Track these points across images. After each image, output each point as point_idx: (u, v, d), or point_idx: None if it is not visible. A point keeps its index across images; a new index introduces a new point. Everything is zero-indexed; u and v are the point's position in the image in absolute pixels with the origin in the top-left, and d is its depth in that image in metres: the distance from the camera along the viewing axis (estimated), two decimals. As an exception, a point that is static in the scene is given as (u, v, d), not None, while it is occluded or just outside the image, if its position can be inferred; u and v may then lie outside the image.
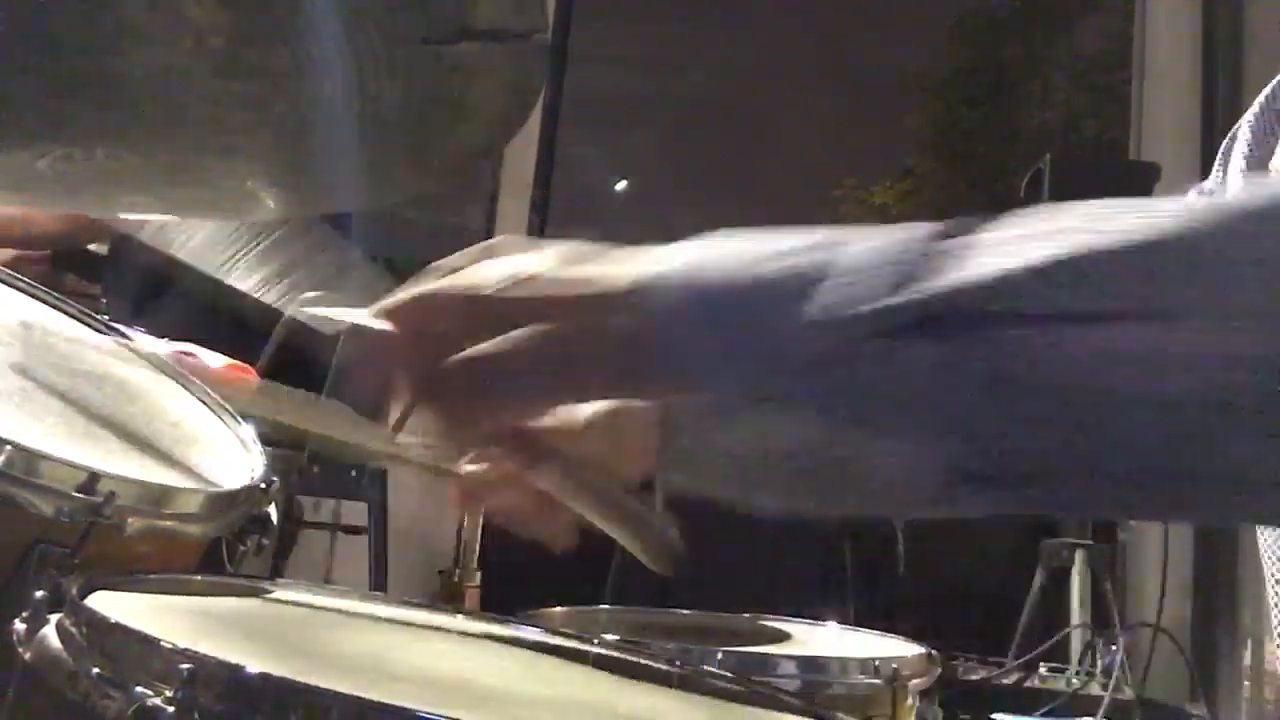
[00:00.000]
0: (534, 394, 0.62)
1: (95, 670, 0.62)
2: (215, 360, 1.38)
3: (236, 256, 1.18)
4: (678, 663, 1.01)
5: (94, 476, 0.84)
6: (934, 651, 1.45)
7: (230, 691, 0.58)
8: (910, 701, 1.35)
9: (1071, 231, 0.51)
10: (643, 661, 1.01)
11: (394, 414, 0.65)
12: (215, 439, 1.13)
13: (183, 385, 1.21)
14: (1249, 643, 2.99)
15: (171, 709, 0.58)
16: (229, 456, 1.10)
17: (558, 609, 1.54)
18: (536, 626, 1.05)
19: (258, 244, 1.18)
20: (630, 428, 0.67)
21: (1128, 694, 2.32)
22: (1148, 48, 3.76)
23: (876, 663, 1.32)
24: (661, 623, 1.63)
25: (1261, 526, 0.59)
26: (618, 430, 0.67)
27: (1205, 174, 1.04)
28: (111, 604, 0.72)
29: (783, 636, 1.58)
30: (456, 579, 1.46)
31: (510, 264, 0.62)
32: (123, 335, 1.24)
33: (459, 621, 1.06)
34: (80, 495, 0.83)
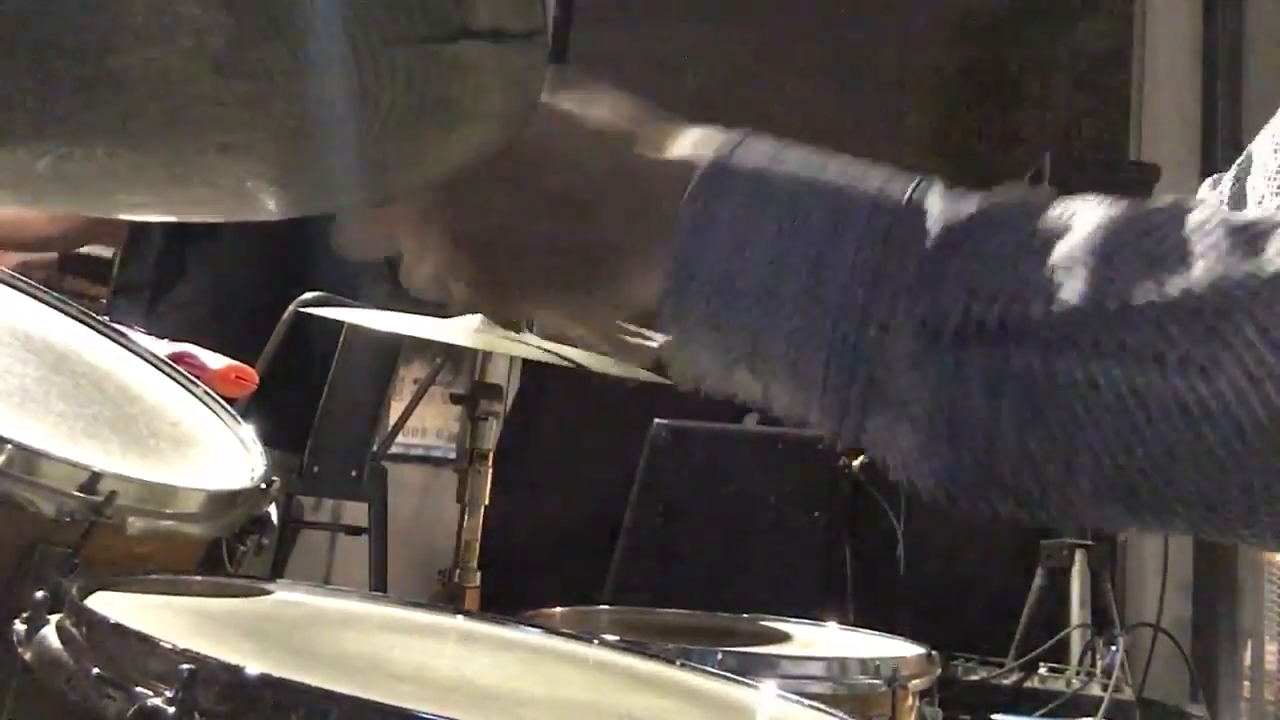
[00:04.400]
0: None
1: (95, 670, 0.62)
2: (215, 360, 1.38)
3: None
4: (678, 663, 1.01)
5: (95, 476, 0.84)
6: (934, 651, 1.45)
7: (230, 692, 0.58)
8: (910, 701, 1.35)
9: (1130, 258, 0.53)
10: (643, 661, 1.01)
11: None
12: (215, 439, 1.13)
13: (183, 385, 1.21)
14: (1249, 643, 2.99)
15: (171, 709, 0.58)
16: (229, 456, 1.10)
17: (558, 609, 1.54)
18: (536, 626, 1.05)
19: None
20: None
21: (1128, 694, 2.32)
22: (1148, 48, 3.76)
23: (876, 663, 1.32)
24: (661, 623, 1.63)
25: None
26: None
27: (1205, 174, 1.04)
28: (111, 604, 0.72)
29: (783, 636, 1.58)
30: (456, 579, 1.45)
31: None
32: (123, 336, 1.24)
33: (459, 621, 1.06)
34: (81, 495, 0.83)
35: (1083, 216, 0.55)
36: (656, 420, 2.72)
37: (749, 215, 0.58)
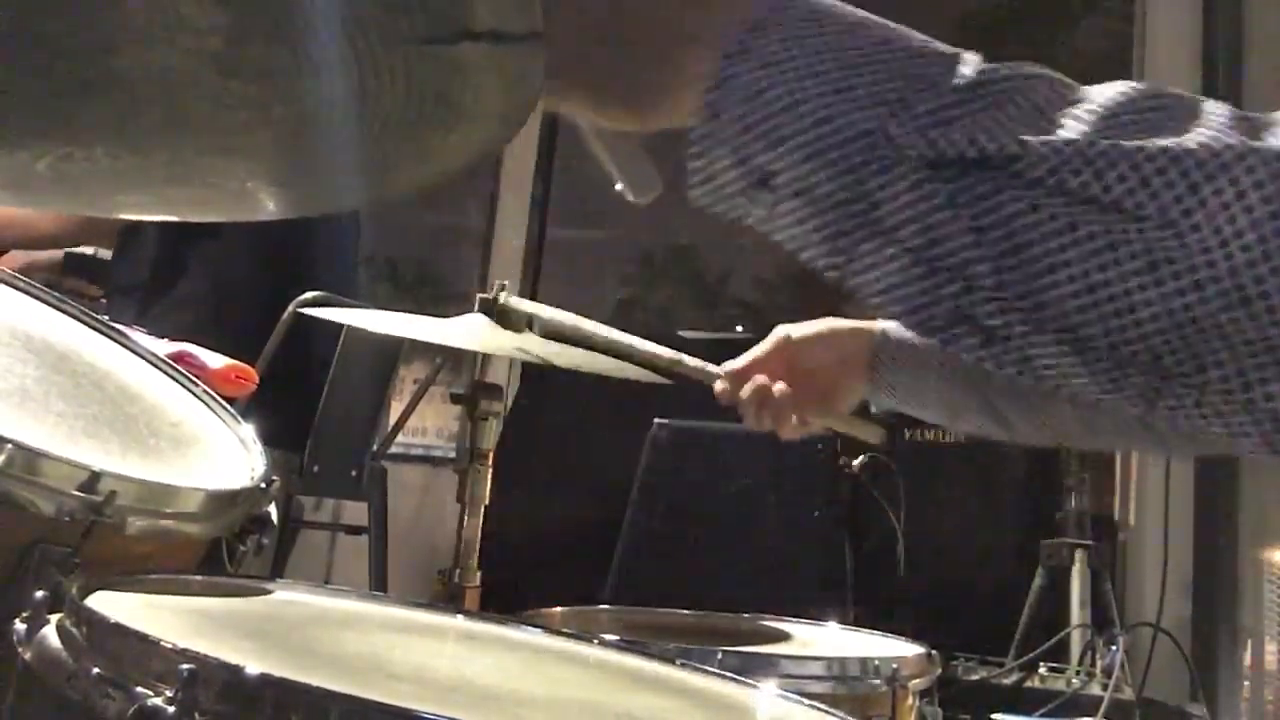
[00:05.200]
0: None
1: (95, 670, 0.62)
2: (215, 360, 1.38)
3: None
4: (678, 663, 1.01)
5: (95, 476, 0.84)
6: (934, 651, 1.45)
7: (230, 691, 0.58)
8: (910, 701, 1.35)
9: (1133, 119, 0.55)
10: (643, 661, 1.01)
11: None
12: (215, 439, 1.13)
13: (183, 385, 1.21)
14: (1249, 643, 2.99)
15: (171, 709, 0.58)
16: (229, 456, 1.10)
17: (558, 609, 1.54)
18: (536, 626, 1.05)
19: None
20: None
21: (1128, 694, 2.32)
22: (1148, 48, 3.76)
23: (876, 663, 1.32)
24: (661, 623, 1.63)
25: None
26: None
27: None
28: (111, 604, 0.72)
29: (783, 636, 1.58)
30: (456, 579, 1.45)
31: None
32: (123, 336, 1.24)
33: (459, 621, 1.06)
34: (81, 494, 0.83)
35: (1104, 88, 0.58)
36: (656, 420, 2.72)
37: (798, 35, 0.60)
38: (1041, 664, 2.41)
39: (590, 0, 0.63)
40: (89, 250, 2.87)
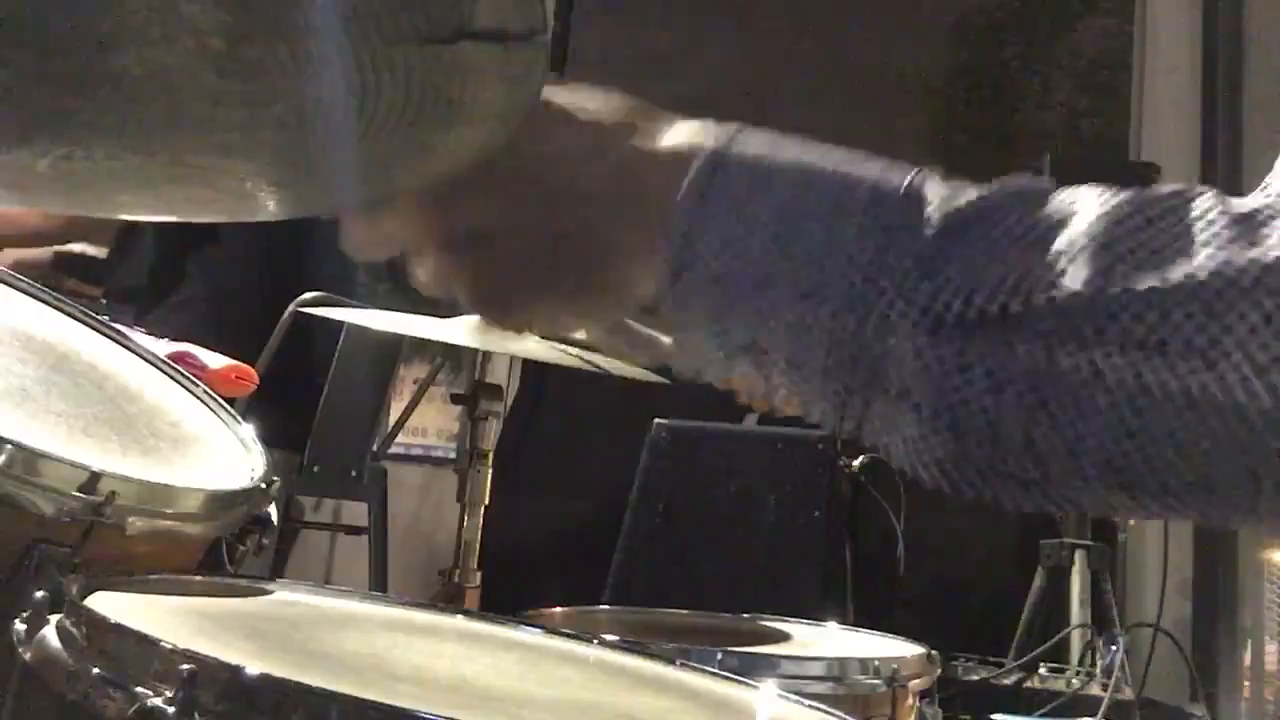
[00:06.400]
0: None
1: (95, 670, 0.62)
2: (215, 360, 1.38)
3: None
4: (678, 663, 1.01)
5: (95, 476, 0.84)
6: (934, 651, 1.45)
7: (230, 692, 0.58)
8: (910, 701, 1.35)
9: (1133, 246, 0.53)
10: (643, 661, 1.01)
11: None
12: (215, 439, 1.13)
13: (183, 385, 1.21)
14: (1249, 643, 2.99)
15: (171, 709, 0.58)
16: (229, 456, 1.10)
17: (558, 609, 1.54)
18: (536, 626, 1.05)
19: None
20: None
21: (1128, 694, 2.32)
22: (1148, 48, 3.75)
23: (876, 663, 1.32)
24: (661, 623, 1.63)
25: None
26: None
27: (1205, 174, 1.04)
28: (111, 604, 0.72)
29: (783, 637, 1.58)
30: (456, 579, 1.45)
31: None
32: (123, 336, 1.24)
33: (459, 621, 1.06)
34: (81, 495, 0.83)
35: (1084, 204, 0.55)
36: (656, 420, 2.72)
37: (747, 206, 0.57)
38: (1041, 664, 2.41)
39: (530, 221, 0.62)
40: (77, 248, 2.87)
